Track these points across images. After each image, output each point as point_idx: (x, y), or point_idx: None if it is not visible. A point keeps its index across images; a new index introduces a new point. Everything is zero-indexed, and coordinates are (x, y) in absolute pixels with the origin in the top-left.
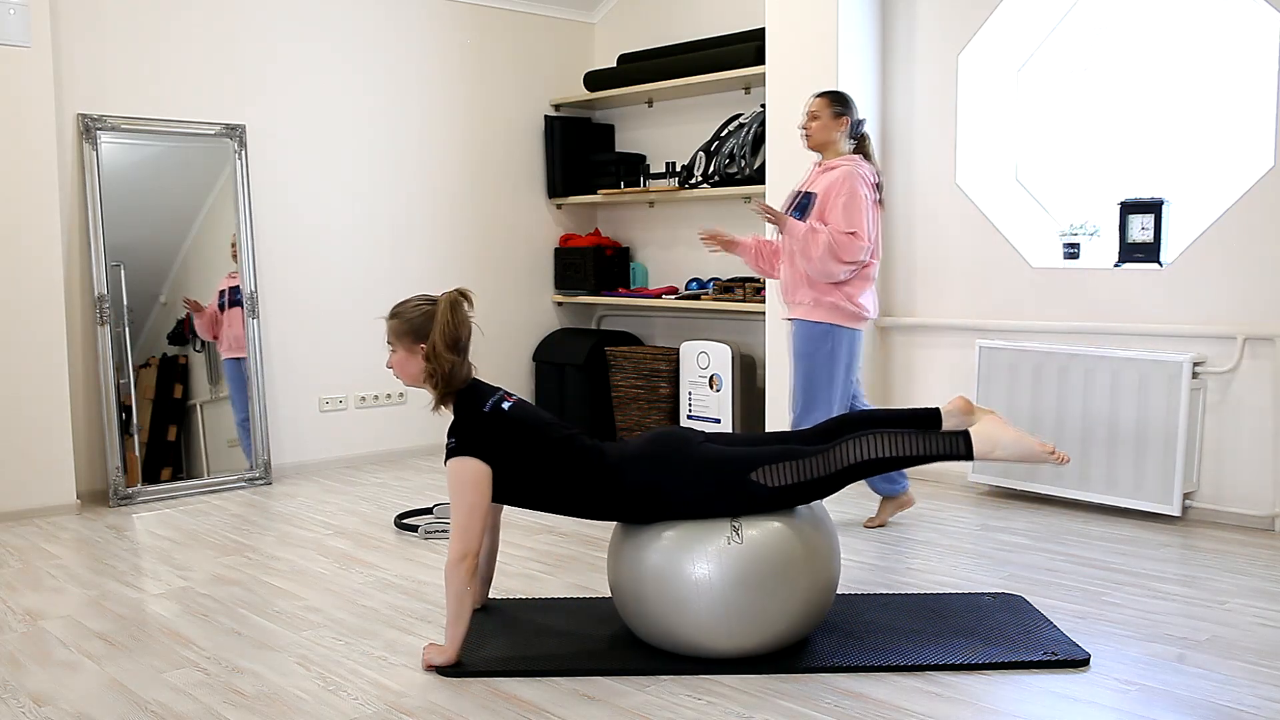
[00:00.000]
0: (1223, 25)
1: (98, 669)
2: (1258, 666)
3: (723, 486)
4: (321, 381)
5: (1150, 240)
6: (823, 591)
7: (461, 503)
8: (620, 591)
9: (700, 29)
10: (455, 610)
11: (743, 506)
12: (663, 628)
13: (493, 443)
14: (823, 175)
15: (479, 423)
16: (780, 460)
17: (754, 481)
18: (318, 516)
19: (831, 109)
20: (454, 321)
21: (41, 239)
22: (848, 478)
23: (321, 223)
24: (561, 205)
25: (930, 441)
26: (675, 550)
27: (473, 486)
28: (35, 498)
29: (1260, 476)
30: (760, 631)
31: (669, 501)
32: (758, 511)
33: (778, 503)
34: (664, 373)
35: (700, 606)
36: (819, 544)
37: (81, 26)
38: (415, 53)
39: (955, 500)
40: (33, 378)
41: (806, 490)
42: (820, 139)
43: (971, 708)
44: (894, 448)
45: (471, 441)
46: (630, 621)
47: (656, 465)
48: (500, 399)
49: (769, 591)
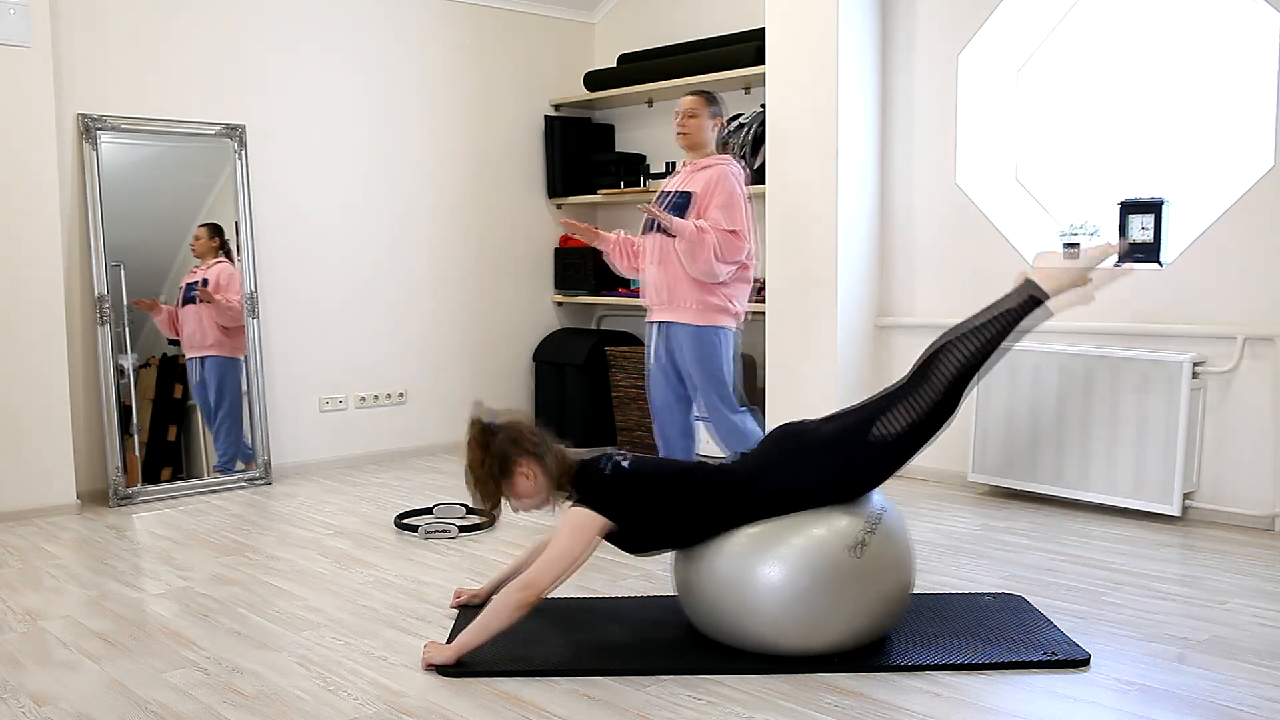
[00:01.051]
0: (1223, 25)
1: (98, 669)
2: (1258, 666)
3: (850, 459)
4: (321, 381)
5: (1150, 240)
6: (899, 592)
7: (564, 547)
8: (689, 590)
9: (700, 29)
10: (483, 627)
11: (876, 467)
12: (734, 626)
13: (622, 500)
14: (697, 174)
15: (605, 484)
16: (890, 407)
17: (876, 438)
18: (318, 516)
19: (709, 108)
20: (491, 451)
21: (41, 239)
22: (958, 389)
23: (321, 222)
24: (561, 205)
25: (1005, 313)
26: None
27: (580, 535)
28: (35, 498)
29: (1260, 476)
30: (834, 631)
31: (807, 495)
32: (893, 465)
33: (908, 447)
34: None
35: (774, 605)
36: (896, 544)
37: (81, 26)
38: (415, 53)
39: (955, 500)
40: (33, 378)
41: (927, 423)
42: (697, 138)
43: (971, 708)
44: (977, 337)
45: (598, 499)
46: (698, 619)
47: (784, 467)
48: (616, 460)
49: (847, 591)
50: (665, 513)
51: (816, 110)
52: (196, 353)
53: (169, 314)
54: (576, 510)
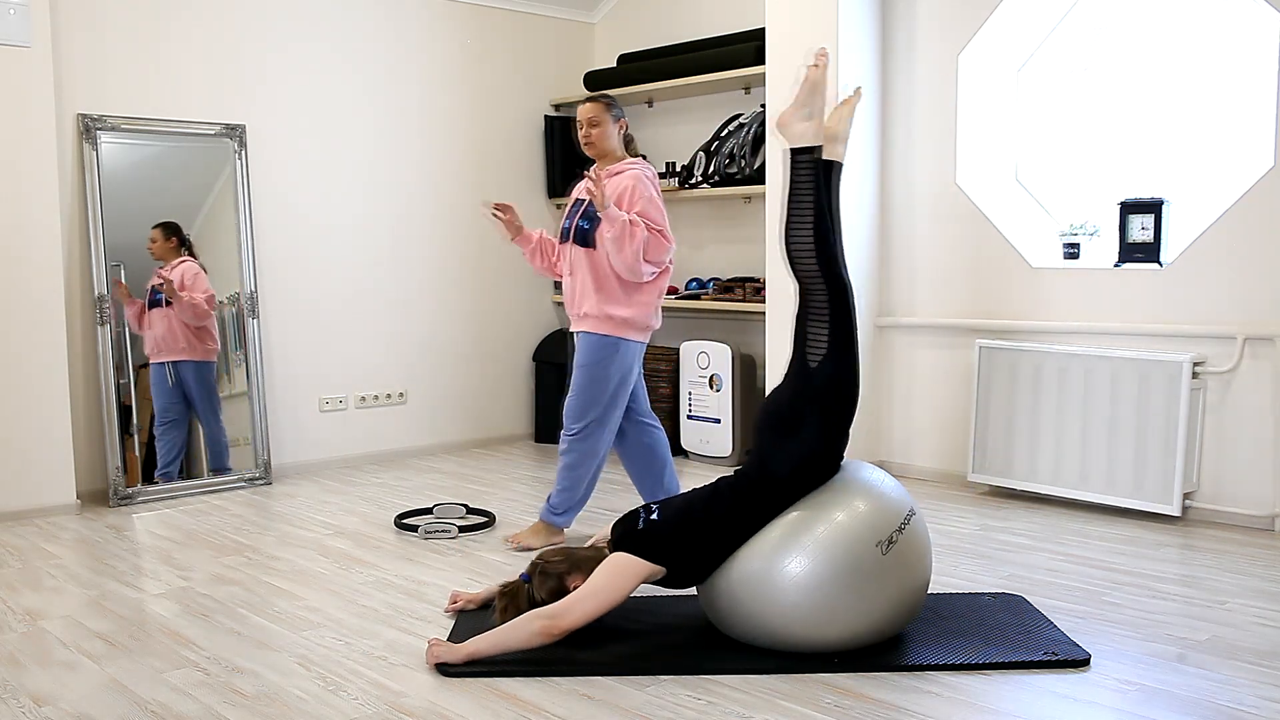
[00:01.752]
0: (1223, 25)
1: (98, 669)
2: (1258, 666)
3: (818, 394)
4: (321, 381)
5: (1150, 240)
6: (916, 589)
7: (601, 587)
8: (710, 588)
9: (700, 29)
10: (500, 640)
11: (842, 384)
12: (757, 622)
13: (665, 546)
14: (610, 180)
15: (643, 538)
16: (805, 335)
17: (816, 364)
18: (318, 516)
19: (610, 113)
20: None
21: (41, 239)
22: (829, 271)
23: (321, 223)
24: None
25: (796, 185)
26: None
27: (620, 581)
28: (35, 498)
29: (1260, 476)
30: (852, 627)
31: (816, 453)
32: (851, 373)
33: (843, 349)
34: (664, 373)
35: (795, 599)
36: (917, 540)
37: (81, 26)
38: (415, 53)
39: (955, 500)
40: (33, 378)
41: (837, 316)
42: (603, 146)
43: (971, 708)
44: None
45: (643, 549)
46: (718, 614)
47: (784, 442)
48: (645, 514)
49: (868, 586)
50: (710, 541)
51: None
52: (167, 357)
53: (139, 308)
54: (624, 556)
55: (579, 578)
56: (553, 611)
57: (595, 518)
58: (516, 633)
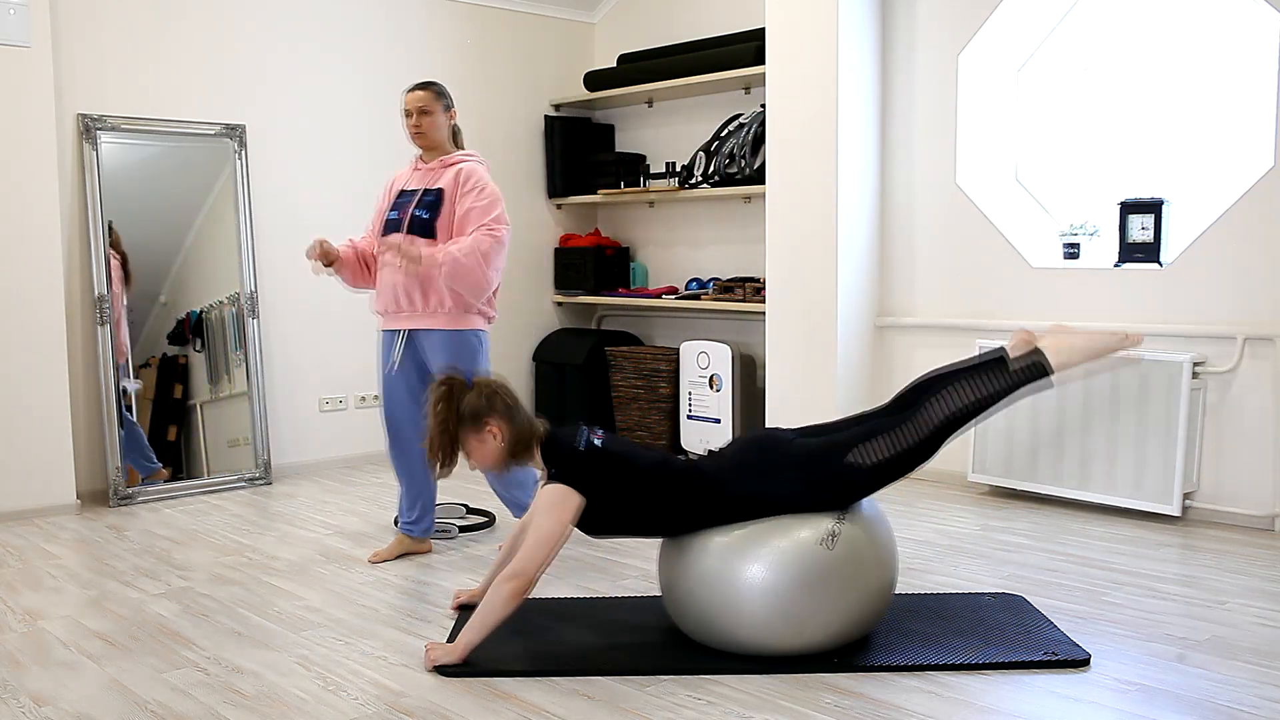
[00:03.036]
0: (1223, 25)
1: (98, 669)
2: (1258, 666)
3: (823, 477)
4: (321, 381)
5: (1150, 240)
6: (882, 591)
7: (541, 526)
8: (673, 590)
9: (700, 29)
10: (482, 621)
11: (846, 492)
12: (716, 627)
13: (593, 478)
14: (445, 170)
15: (578, 460)
16: (871, 438)
17: (851, 464)
18: (318, 516)
19: (440, 102)
20: (467, 403)
21: (41, 239)
22: (941, 436)
23: (322, 222)
24: (561, 205)
25: (1008, 375)
26: (731, 551)
27: (561, 514)
28: (35, 498)
29: (1260, 476)
30: (818, 631)
31: (773, 503)
32: (861, 493)
33: (878, 479)
34: (664, 373)
35: (758, 605)
36: (880, 543)
37: (81, 26)
38: (415, 53)
39: (955, 500)
40: (33, 378)
41: (904, 460)
42: (434, 136)
43: (971, 708)
44: (975, 391)
45: (572, 475)
46: (681, 620)
47: (757, 472)
48: (588, 436)
49: (831, 590)
50: (634, 498)
51: (816, 110)
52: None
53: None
54: (552, 489)
55: (501, 426)
56: (513, 572)
57: None
58: (494, 609)
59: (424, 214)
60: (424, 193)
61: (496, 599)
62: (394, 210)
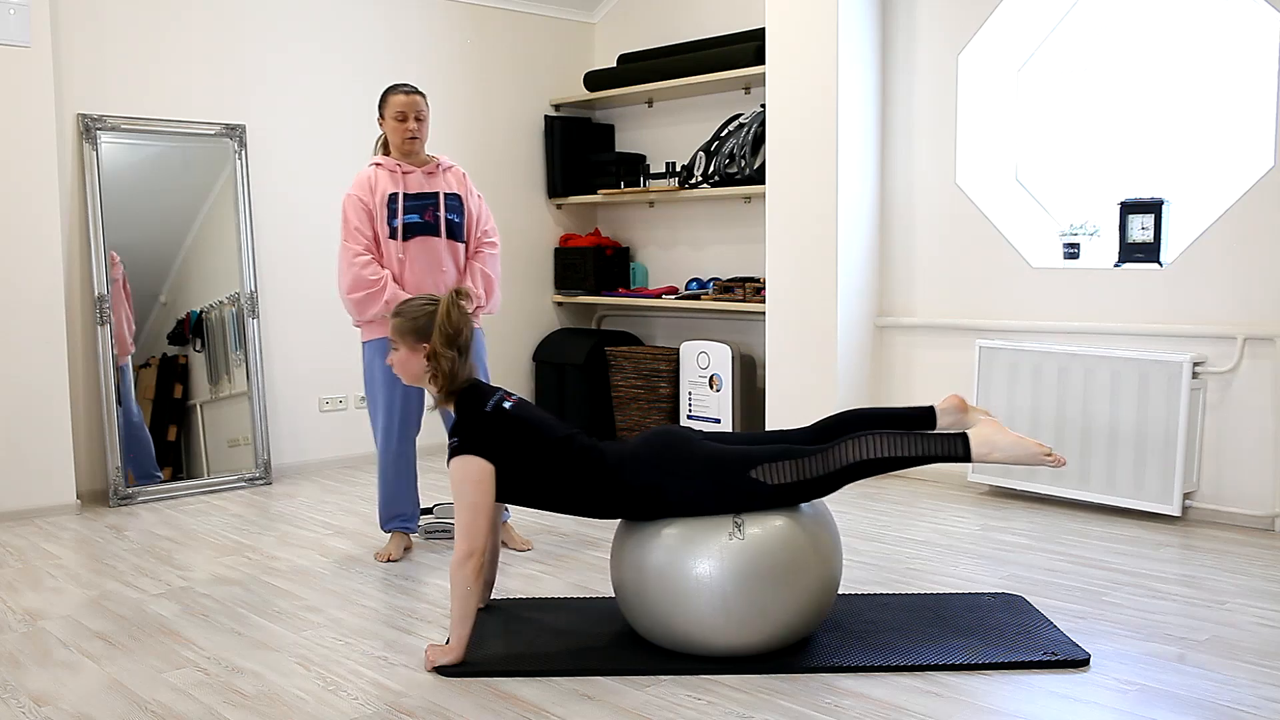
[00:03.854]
0: (1223, 25)
1: (98, 669)
2: (1258, 666)
3: (723, 484)
4: (321, 381)
5: (1150, 240)
6: (824, 590)
7: (465, 501)
8: (623, 589)
9: (700, 29)
10: (460, 610)
11: (743, 504)
12: (665, 625)
13: (495, 441)
14: (444, 174)
15: (482, 422)
16: (779, 459)
17: (754, 479)
18: (318, 516)
19: (427, 107)
20: (453, 320)
21: (41, 239)
22: (846, 477)
23: (321, 223)
24: (561, 205)
25: (928, 442)
26: (678, 548)
27: (475, 485)
28: (35, 498)
29: (1260, 476)
30: (762, 629)
31: (669, 500)
32: (758, 509)
33: (778, 500)
34: (664, 373)
35: (702, 604)
36: (821, 541)
37: (81, 26)
38: (415, 53)
39: (955, 500)
40: (33, 378)
41: (805, 489)
42: (425, 140)
43: (971, 708)
44: (892, 448)
45: (475, 440)
46: (633, 619)
47: (655, 464)
48: (501, 398)
49: (771, 589)
50: (533, 467)
51: (816, 110)
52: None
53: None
54: (458, 462)
55: (433, 351)
56: (462, 555)
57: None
58: (462, 593)
59: (455, 218)
60: (447, 197)
61: (461, 585)
62: (410, 214)
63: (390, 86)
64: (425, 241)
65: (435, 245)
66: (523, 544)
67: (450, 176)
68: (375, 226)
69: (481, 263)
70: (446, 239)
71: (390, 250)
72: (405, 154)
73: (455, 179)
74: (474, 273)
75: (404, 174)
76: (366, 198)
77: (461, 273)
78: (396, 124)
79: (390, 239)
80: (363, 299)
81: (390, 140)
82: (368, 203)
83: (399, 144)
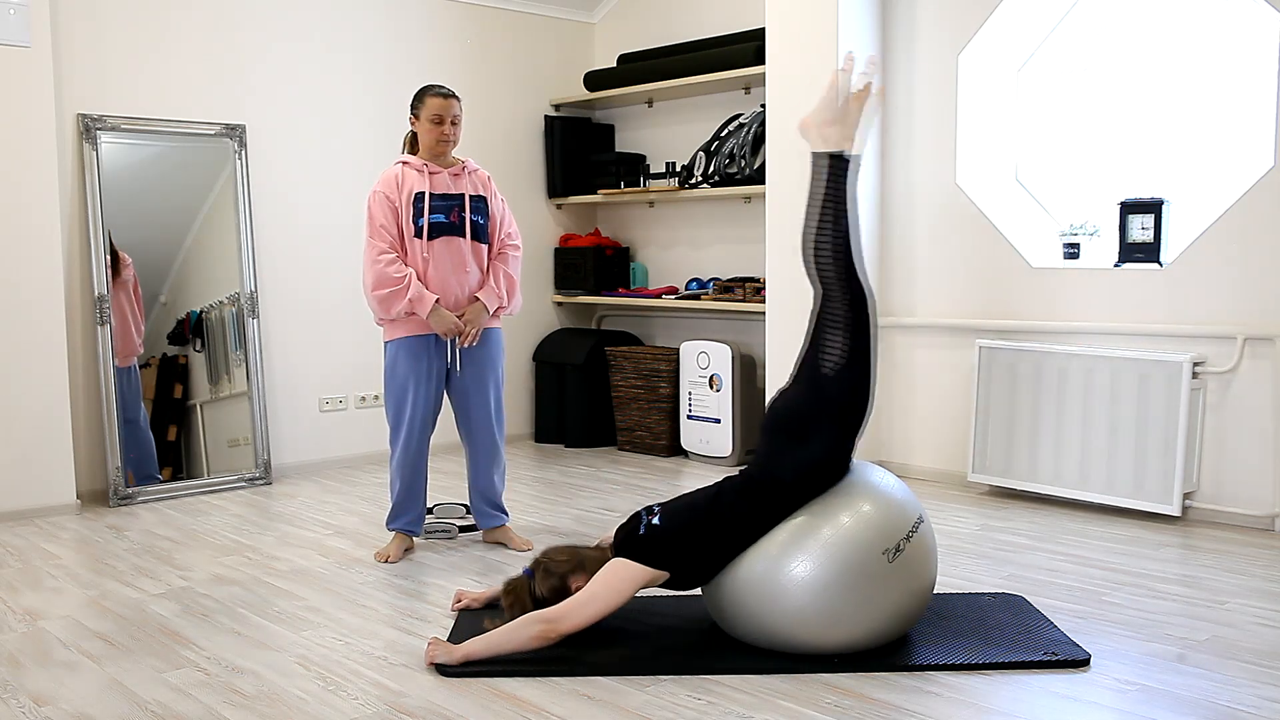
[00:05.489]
0: (1223, 25)
1: (98, 669)
2: (1258, 666)
3: (833, 401)
4: (321, 381)
5: (1150, 240)
6: (920, 595)
7: (600, 593)
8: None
9: (700, 29)
10: (496, 643)
11: (853, 396)
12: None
13: (667, 551)
14: (469, 176)
15: (645, 544)
16: (821, 341)
17: (832, 372)
18: (318, 516)
19: (461, 111)
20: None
21: (41, 239)
22: (851, 278)
23: (321, 222)
24: (561, 205)
25: (823, 191)
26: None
27: (620, 586)
28: (35, 498)
29: (1260, 476)
30: (857, 630)
31: (824, 458)
32: (863, 382)
33: (860, 357)
34: (664, 373)
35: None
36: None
37: (81, 26)
38: (415, 53)
39: (955, 500)
40: (33, 378)
41: (856, 325)
42: (457, 143)
43: (971, 708)
44: (827, 223)
45: (645, 555)
46: (721, 613)
47: (792, 446)
48: (647, 518)
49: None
50: (713, 543)
51: None
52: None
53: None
54: (620, 562)
55: (582, 577)
56: (551, 616)
57: (597, 519)
58: (514, 635)
59: (480, 219)
60: (473, 199)
61: (521, 633)
62: (436, 214)
63: (425, 87)
64: (450, 241)
65: (460, 245)
66: (522, 544)
67: (475, 179)
68: (401, 224)
69: (505, 263)
70: (471, 240)
71: (415, 249)
72: (435, 155)
73: (480, 181)
74: (497, 273)
75: (431, 174)
76: (394, 195)
77: (484, 273)
78: (431, 126)
79: (415, 238)
80: (387, 296)
81: (421, 141)
82: (394, 200)
83: (430, 145)
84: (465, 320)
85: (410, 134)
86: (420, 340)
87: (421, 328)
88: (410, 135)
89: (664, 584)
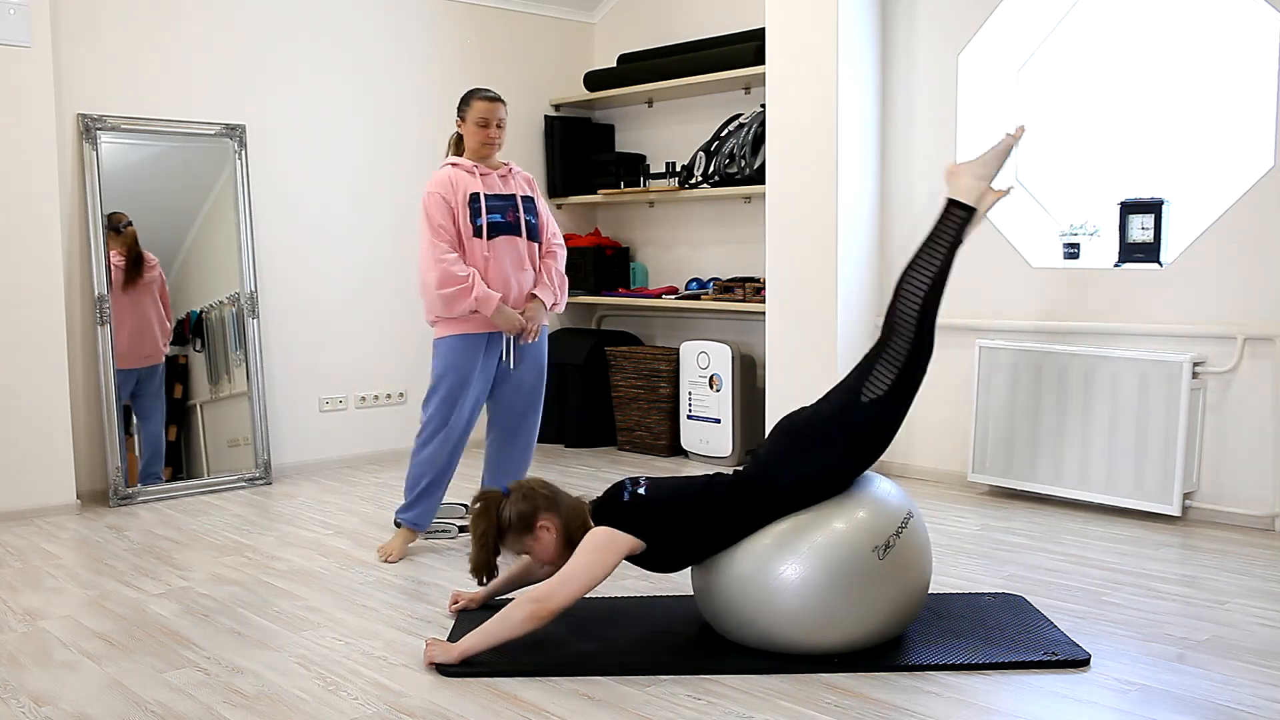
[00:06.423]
0: (1223, 25)
1: (98, 669)
2: (1258, 666)
3: (853, 429)
4: (321, 381)
5: (1150, 240)
6: (915, 592)
7: (585, 564)
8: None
9: (700, 29)
10: (492, 632)
11: (881, 431)
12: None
13: (649, 523)
14: (515, 177)
15: (629, 510)
16: (871, 369)
17: (868, 401)
18: (318, 516)
19: (506, 114)
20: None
21: (41, 239)
22: (924, 325)
23: (321, 222)
24: (562, 205)
25: (939, 234)
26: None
27: (604, 555)
28: (35, 498)
29: (1260, 476)
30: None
31: (825, 477)
32: (895, 421)
33: (899, 400)
34: (664, 373)
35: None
36: (916, 546)
37: (81, 26)
38: (415, 53)
39: (955, 500)
40: (33, 378)
41: (909, 370)
42: (501, 146)
43: (971, 708)
44: (929, 268)
45: (626, 522)
46: (714, 615)
47: (797, 456)
48: (632, 488)
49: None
50: (695, 530)
51: (816, 110)
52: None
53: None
54: (601, 530)
55: (552, 518)
56: (539, 595)
57: None
58: (506, 623)
59: (532, 219)
60: (523, 199)
61: (513, 617)
62: (493, 214)
63: (472, 90)
64: (510, 241)
65: (518, 244)
66: None
67: (521, 180)
68: (458, 224)
69: (555, 261)
70: (526, 239)
71: (475, 248)
72: (481, 158)
73: (526, 182)
74: (549, 271)
75: (482, 175)
76: (449, 196)
77: (538, 272)
78: (478, 129)
79: (475, 237)
80: (452, 295)
81: (468, 143)
82: (450, 200)
83: (476, 148)
84: (527, 317)
85: (455, 136)
86: (477, 338)
87: (478, 326)
88: (455, 137)
89: (638, 561)
